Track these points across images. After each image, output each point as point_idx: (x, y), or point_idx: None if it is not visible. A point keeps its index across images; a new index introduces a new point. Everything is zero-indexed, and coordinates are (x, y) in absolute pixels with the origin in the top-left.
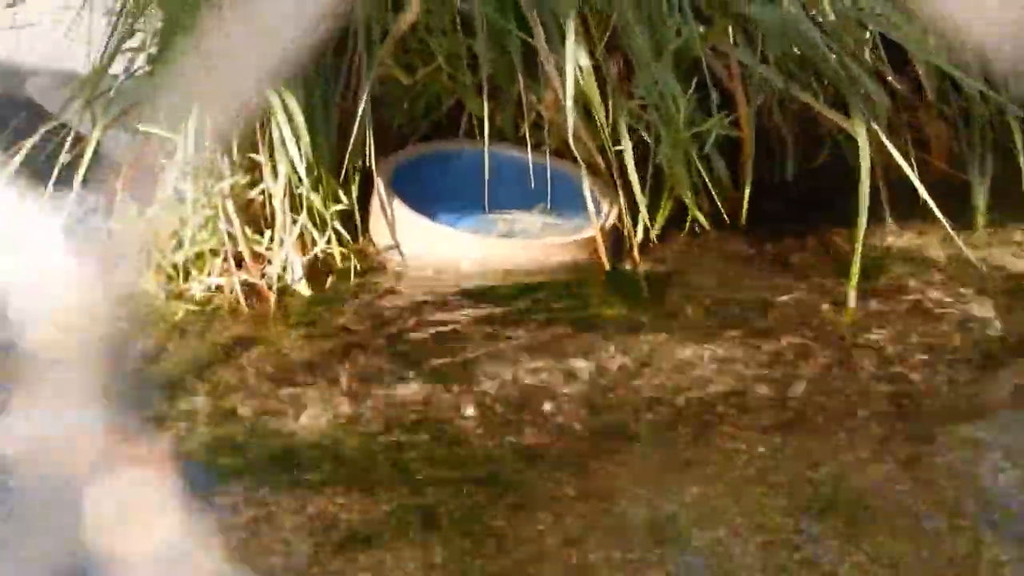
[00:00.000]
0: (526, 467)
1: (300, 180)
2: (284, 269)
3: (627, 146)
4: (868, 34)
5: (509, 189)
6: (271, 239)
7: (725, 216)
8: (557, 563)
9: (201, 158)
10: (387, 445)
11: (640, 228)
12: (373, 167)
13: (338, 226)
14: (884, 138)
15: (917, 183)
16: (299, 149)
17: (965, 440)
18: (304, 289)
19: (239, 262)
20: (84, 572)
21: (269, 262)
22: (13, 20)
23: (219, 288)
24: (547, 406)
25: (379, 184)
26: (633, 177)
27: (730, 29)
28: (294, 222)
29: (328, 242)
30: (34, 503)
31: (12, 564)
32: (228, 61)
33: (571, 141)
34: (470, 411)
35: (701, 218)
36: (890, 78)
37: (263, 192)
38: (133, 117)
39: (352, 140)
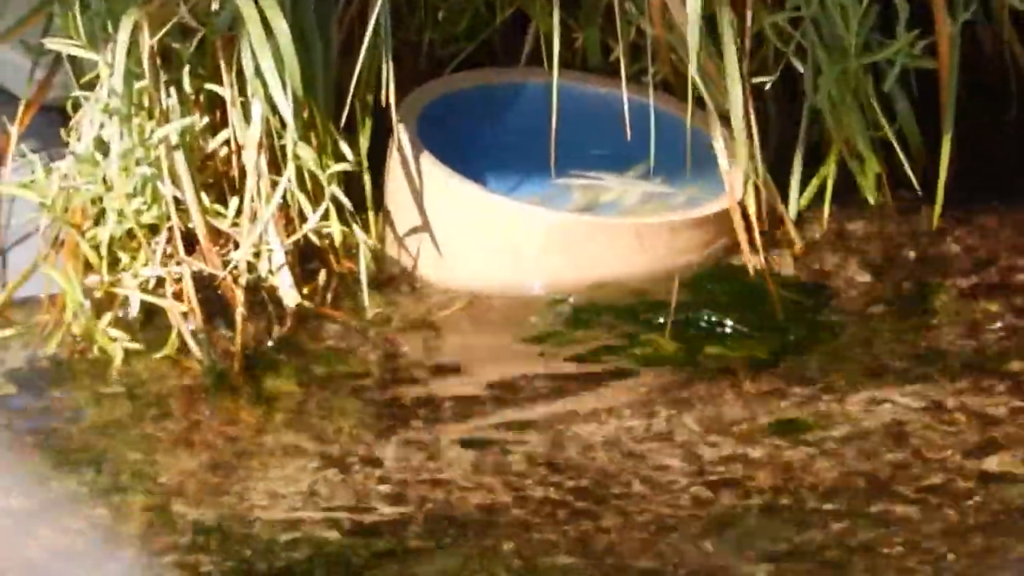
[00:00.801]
0: None
1: (283, 125)
2: (257, 255)
3: (735, 83)
4: None
5: (592, 141)
6: (238, 211)
7: (916, 186)
8: None
9: (136, 90)
10: None
11: (792, 203)
12: (392, 108)
13: (339, 194)
14: None
15: None
16: (282, 80)
17: None
18: (288, 291)
19: (190, 245)
20: None
21: (235, 244)
22: None
23: (161, 283)
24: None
25: (400, 132)
26: (742, 126)
27: None
28: (273, 186)
29: (325, 217)
30: None
31: None
32: None
33: (693, 70)
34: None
35: (871, 192)
36: None
37: (228, 143)
38: (33, 30)
39: (359, 67)
